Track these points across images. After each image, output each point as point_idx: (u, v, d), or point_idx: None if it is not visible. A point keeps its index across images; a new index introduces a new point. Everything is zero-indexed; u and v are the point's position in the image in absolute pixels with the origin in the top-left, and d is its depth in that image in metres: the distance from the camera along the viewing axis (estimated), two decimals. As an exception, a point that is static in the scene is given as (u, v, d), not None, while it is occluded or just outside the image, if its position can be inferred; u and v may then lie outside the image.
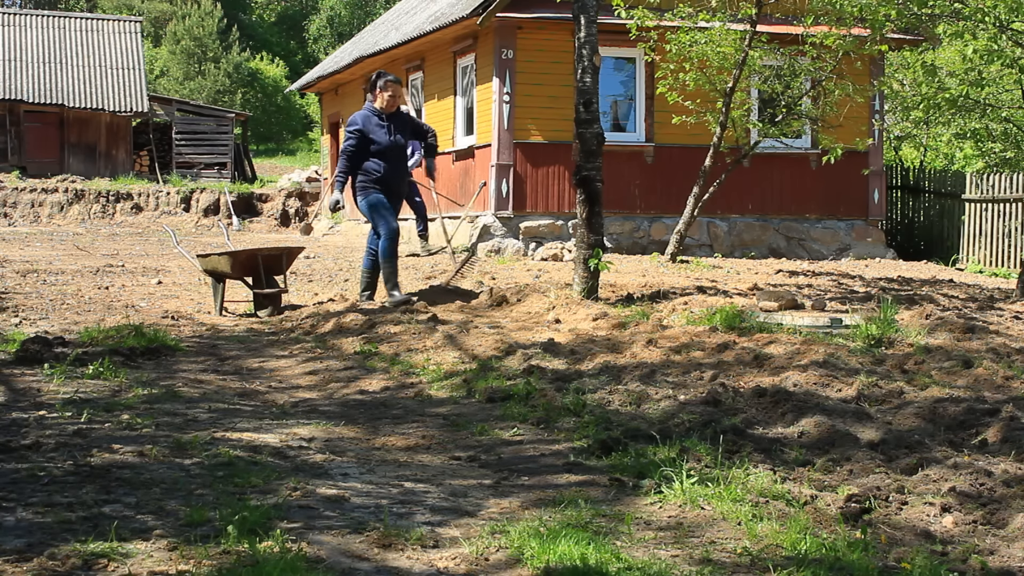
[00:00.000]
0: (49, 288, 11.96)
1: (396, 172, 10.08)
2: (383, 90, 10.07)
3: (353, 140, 9.95)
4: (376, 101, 10.09)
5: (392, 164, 10.01)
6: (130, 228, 25.55)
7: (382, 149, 9.94)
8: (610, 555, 3.52)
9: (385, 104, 10.05)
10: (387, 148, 9.96)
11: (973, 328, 8.05)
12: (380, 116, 10.03)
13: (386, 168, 9.95)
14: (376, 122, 10.00)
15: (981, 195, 17.94)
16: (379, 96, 10.08)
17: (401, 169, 10.20)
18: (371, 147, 9.93)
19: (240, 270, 10.48)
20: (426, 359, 7.56)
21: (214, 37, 49.47)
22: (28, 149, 31.88)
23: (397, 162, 10.10)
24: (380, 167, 9.94)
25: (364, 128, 9.95)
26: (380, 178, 9.95)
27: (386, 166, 9.95)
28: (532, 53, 16.35)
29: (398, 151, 10.09)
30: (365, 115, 10.06)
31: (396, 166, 10.08)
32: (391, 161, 10.00)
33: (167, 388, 6.55)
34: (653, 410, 5.69)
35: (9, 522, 3.77)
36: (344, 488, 4.35)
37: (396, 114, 10.15)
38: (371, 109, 10.09)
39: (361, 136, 9.93)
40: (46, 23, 34.41)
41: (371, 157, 9.95)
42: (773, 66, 15.22)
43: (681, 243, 15.07)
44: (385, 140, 9.94)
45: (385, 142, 9.94)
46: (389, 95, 10.07)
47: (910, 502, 4.12)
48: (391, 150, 9.99)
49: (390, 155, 9.99)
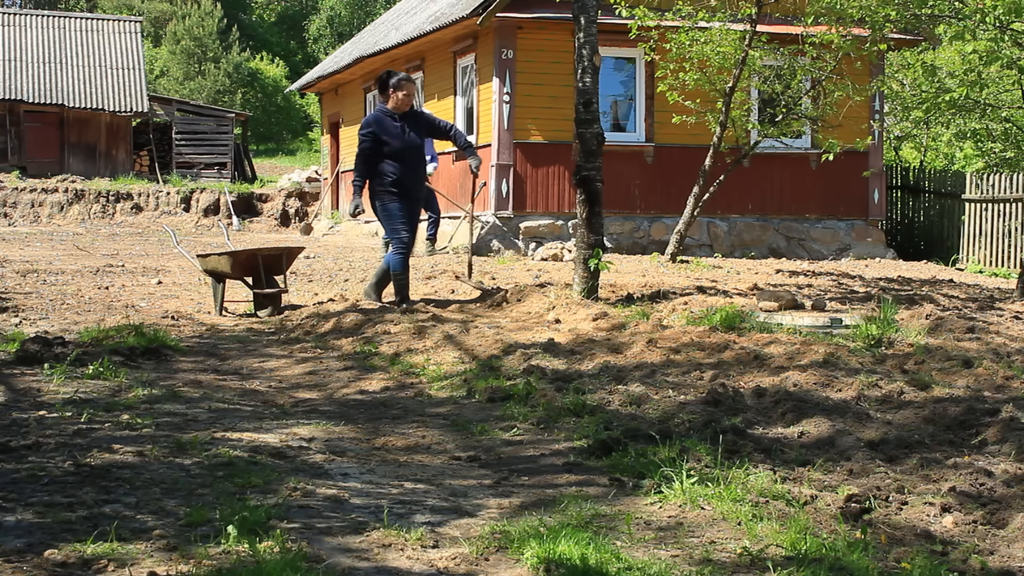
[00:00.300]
0: (49, 288, 11.96)
1: (413, 173, 9.80)
2: (397, 89, 9.74)
3: (367, 143, 9.67)
4: (389, 102, 9.77)
5: (408, 166, 9.72)
6: (130, 228, 25.55)
7: (397, 150, 9.63)
8: (610, 555, 3.52)
9: (399, 104, 9.73)
10: (402, 149, 9.66)
11: (973, 328, 8.05)
12: (393, 117, 9.72)
13: (401, 170, 9.66)
14: (389, 123, 9.70)
15: (981, 195, 17.94)
16: (392, 96, 9.75)
17: (418, 170, 9.92)
18: (384, 149, 9.63)
19: (240, 270, 10.48)
20: (426, 359, 7.56)
21: (214, 37, 49.48)
22: (28, 149, 31.89)
23: (413, 163, 9.80)
24: (395, 169, 9.63)
25: (377, 130, 9.66)
26: (396, 180, 9.66)
27: (401, 168, 9.66)
28: (532, 53, 16.36)
29: (414, 152, 9.78)
30: (378, 116, 9.75)
31: (412, 167, 9.79)
32: (407, 162, 9.70)
33: (167, 388, 6.55)
34: (653, 410, 5.69)
35: (9, 522, 3.77)
36: (344, 488, 4.35)
37: (410, 113, 9.84)
38: (383, 110, 9.79)
39: (375, 138, 9.64)
40: (46, 23, 34.42)
41: (386, 159, 9.64)
42: (773, 66, 15.22)
43: (681, 243, 15.08)
44: (399, 141, 9.65)
45: (400, 143, 9.64)
46: (403, 94, 9.73)
47: (910, 502, 4.12)
48: (406, 151, 9.69)
49: (405, 156, 9.69)
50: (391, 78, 9.81)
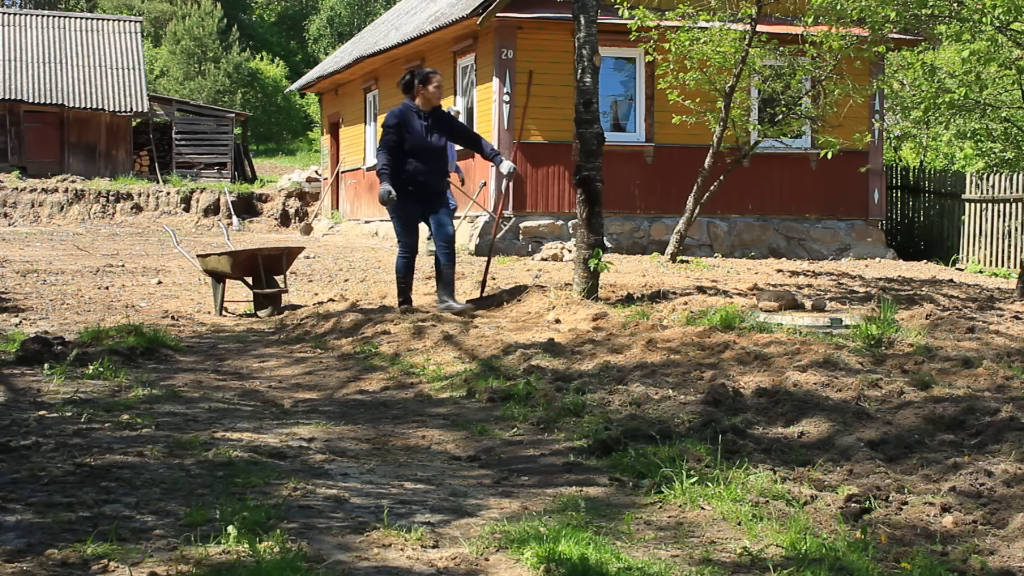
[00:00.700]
0: (49, 288, 11.96)
1: (432, 171, 9.50)
2: (426, 83, 9.41)
3: (392, 135, 9.35)
4: (417, 98, 9.44)
5: (428, 164, 9.44)
6: (130, 228, 25.55)
7: (419, 147, 9.36)
8: (610, 555, 3.52)
9: (429, 97, 9.43)
10: (424, 146, 9.39)
11: (973, 328, 8.05)
12: (419, 113, 9.44)
13: (420, 167, 9.39)
14: (415, 119, 9.38)
15: (981, 195, 17.95)
16: (421, 91, 9.42)
17: (438, 168, 9.60)
18: (406, 145, 9.36)
19: (240, 270, 10.48)
20: (426, 359, 7.56)
21: (214, 37, 49.47)
22: (28, 149, 31.88)
23: (434, 161, 9.51)
24: (413, 165, 9.36)
25: (402, 121, 9.36)
26: (412, 177, 9.37)
27: (420, 165, 9.39)
28: (532, 53, 16.35)
29: (436, 151, 9.49)
30: (403, 110, 9.44)
31: (433, 165, 9.49)
32: (428, 161, 9.41)
33: (167, 388, 6.55)
34: (653, 410, 5.68)
35: (9, 522, 3.77)
36: (344, 488, 4.35)
37: (437, 112, 9.58)
38: (410, 105, 9.51)
39: (399, 131, 9.36)
40: (46, 23, 34.41)
41: (407, 155, 9.37)
42: (773, 66, 15.22)
43: (681, 243, 15.08)
44: (422, 137, 9.38)
45: (422, 139, 9.38)
46: (433, 87, 9.42)
47: (910, 502, 4.12)
48: (429, 149, 9.41)
49: (426, 153, 9.40)
50: (419, 73, 9.57)
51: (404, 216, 9.52)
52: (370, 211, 21.74)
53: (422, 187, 9.42)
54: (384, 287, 11.77)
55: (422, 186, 9.42)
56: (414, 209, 9.49)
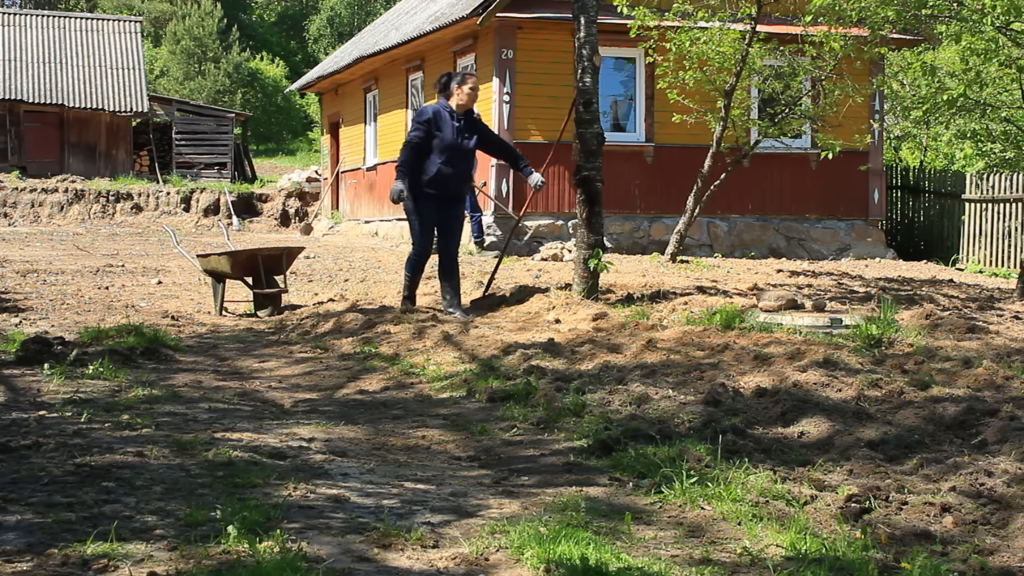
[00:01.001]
0: (49, 288, 11.96)
1: (457, 173, 9.40)
2: (461, 84, 9.33)
3: (420, 132, 9.26)
4: (452, 99, 9.36)
5: (455, 166, 9.33)
6: (130, 228, 25.55)
7: (447, 147, 9.25)
8: (610, 555, 3.52)
9: (465, 99, 9.35)
10: (453, 148, 9.28)
11: (973, 328, 8.05)
12: (452, 114, 9.35)
13: (445, 168, 9.28)
14: (447, 119, 9.30)
15: (981, 195, 17.95)
16: (457, 92, 9.33)
17: (463, 172, 9.51)
18: (435, 142, 9.24)
19: (240, 270, 10.48)
20: (426, 359, 7.56)
21: (214, 37, 49.48)
22: (28, 149, 31.88)
23: (461, 164, 9.41)
24: (440, 167, 9.26)
25: (435, 119, 9.26)
26: (434, 178, 9.28)
27: (446, 166, 9.28)
28: (532, 53, 16.36)
29: (464, 154, 9.41)
30: (437, 109, 9.35)
31: (458, 168, 9.39)
32: (454, 163, 9.32)
33: (167, 388, 6.55)
34: (653, 410, 5.68)
35: (9, 522, 3.77)
36: (344, 488, 4.35)
37: (470, 116, 9.47)
38: (444, 106, 9.37)
39: (428, 128, 9.25)
40: (46, 23, 34.41)
41: (433, 154, 9.26)
42: (773, 65, 15.22)
43: (681, 243, 15.07)
44: (451, 137, 9.26)
45: (451, 140, 9.26)
46: (469, 88, 9.35)
47: (910, 502, 4.12)
48: (458, 150, 9.32)
49: (455, 155, 9.30)
50: (454, 75, 9.48)
51: (421, 216, 9.44)
52: (370, 211, 21.74)
53: (444, 188, 9.37)
54: (384, 287, 11.78)
55: (444, 187, 9.36)
56: (431, 210, 9.43)
